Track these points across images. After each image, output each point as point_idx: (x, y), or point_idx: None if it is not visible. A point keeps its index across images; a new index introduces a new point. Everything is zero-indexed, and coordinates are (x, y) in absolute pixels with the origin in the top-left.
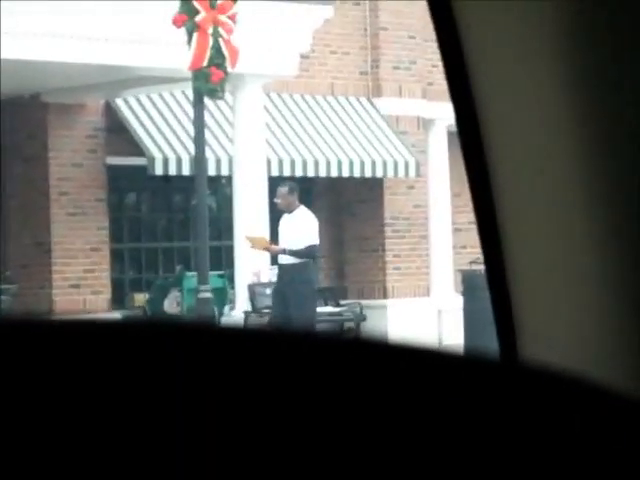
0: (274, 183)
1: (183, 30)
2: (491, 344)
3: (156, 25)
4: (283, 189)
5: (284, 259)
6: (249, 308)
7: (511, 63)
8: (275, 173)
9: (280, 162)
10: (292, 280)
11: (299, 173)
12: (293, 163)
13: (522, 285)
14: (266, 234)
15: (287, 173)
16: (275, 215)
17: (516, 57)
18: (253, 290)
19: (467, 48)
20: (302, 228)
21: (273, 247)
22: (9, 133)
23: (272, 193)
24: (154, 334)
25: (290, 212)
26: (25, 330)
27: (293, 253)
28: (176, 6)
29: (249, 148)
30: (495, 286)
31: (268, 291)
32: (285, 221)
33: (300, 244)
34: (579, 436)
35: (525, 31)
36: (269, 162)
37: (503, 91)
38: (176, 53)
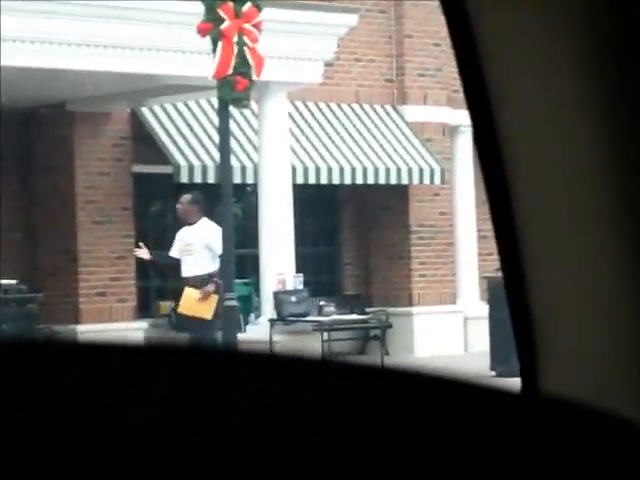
0: (299, 191)
1: (208, 39)
2: (516, 352)
3: (181, 34)
4: (185, 198)
5: (185, 272)
6: (274, 316)
7: (528, 69)
8: (300, 181)
9: (305, 170)
10: None
11: (324, 181)
12: (318, 171)
13: (541, 296)
14: (292, 240)
15: (312, 181)
16: (300, 221)
17: (533, 63)
18: (278, 298)
19: (483, 56)
20: (204, 240)
21: (138, 251)
22: (36, 142)
23: (297, 201)
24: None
25: (190, 224)
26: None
27: (154, 262)
28: (201, 15)
29: (274, 156)
30: (514, 297)
31: (294, 299)
32: (183, 233)
33: (201, 256)
34: (594, 468)
35: (541, 37)
36: (294, 170)
37: (520, 99)
38: (201, 62)
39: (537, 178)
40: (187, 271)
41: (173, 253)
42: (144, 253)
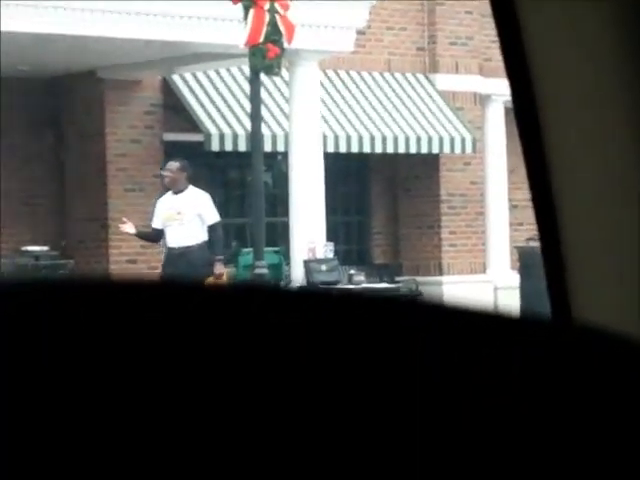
0: (330, 159)
1: (240, 6)
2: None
3: (213, 1)
4: (172, 165)
5: (173, 242)
6: (304, 284)
7: (570, 42)
8: (331, 149)
9: (336, 138)
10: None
11: (355, 149)
12: (349, 139)
13: (578, 263)
14: (322, 209)
15: (343, 149)
16: (330, 190)
17: (575, 37)
18: (308, 266)
19: (524, 26)
20: (196, 209)
21: (122, 226)
22: (66, 110)
23: (328, 169)
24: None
25: (176, 192)
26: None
27: (140, 235)
28: None
29: (305, 124)
30: (550, 263)
31: (324, 267)
32: (168, 201)
33: (192, 226)
34: (631, 395)
35: (585, 11)
36: (325, 138)
37: (561, 68)
38: (232, 29)
39: (575, 148)
40: (175, 241)
41: (156, 224)
42: (129, 228)
